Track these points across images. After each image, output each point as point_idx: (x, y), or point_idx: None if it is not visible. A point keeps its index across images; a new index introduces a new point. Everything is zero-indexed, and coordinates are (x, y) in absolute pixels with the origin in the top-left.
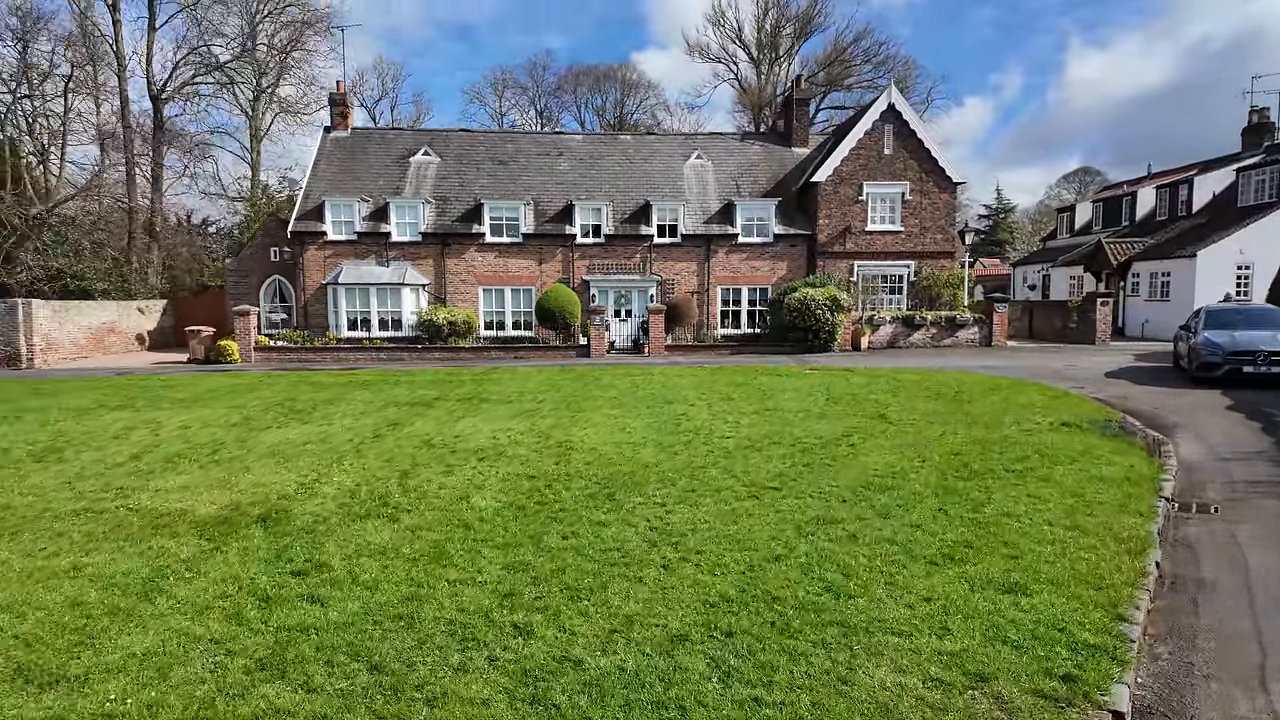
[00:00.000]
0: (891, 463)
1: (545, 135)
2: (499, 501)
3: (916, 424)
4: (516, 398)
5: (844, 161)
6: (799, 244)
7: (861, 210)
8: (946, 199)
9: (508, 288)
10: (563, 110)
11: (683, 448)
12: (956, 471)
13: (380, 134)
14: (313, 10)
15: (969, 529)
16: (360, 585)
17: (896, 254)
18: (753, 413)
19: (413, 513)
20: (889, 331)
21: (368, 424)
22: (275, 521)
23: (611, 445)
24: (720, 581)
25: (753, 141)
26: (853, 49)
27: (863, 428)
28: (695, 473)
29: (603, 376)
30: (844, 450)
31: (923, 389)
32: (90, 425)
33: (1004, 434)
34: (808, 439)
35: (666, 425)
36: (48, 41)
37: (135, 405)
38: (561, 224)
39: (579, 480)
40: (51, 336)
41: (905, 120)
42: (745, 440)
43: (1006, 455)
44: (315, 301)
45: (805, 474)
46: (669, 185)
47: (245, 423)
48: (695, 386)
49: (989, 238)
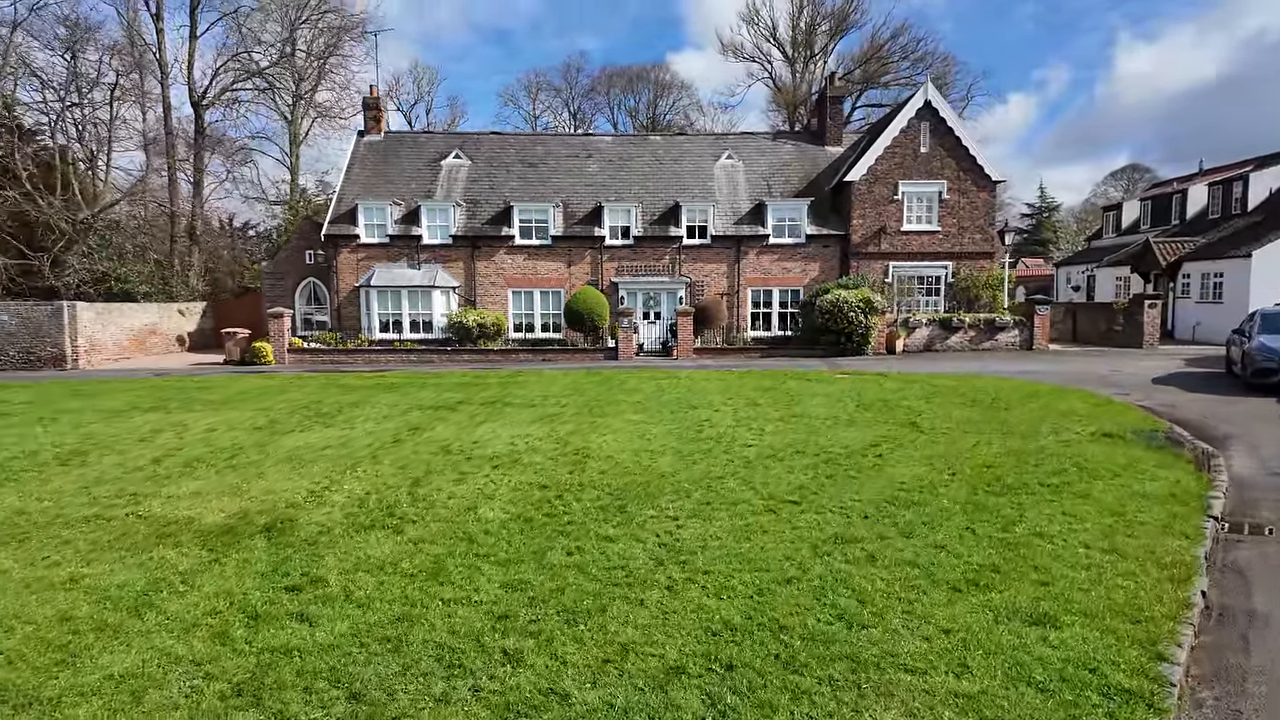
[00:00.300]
0: (920, 475)
1: (575, 137)
2: (507, 513)
3: (949, 433)
4: (540, 402)
5: (879, 160)
6: (832, 245)
7: (897, 210)
8: (985, 198)
9: (536, 290)
10: (595, 112)
11: (702, 456)
12: (988, 486)
13: (413, 137)
14: (350, 16)
15: (997, 551)
16: (353, 603)
17: (933, 254)
18: (778, 419)
19: (418, 524)
20: (925, 334)
21: (389, 428)
22: (280, 532)
23: (629, 453)
24: (726, 607)
25: (785, 140)
26: (890, 46)
27: (892, 436)
28: (712, 484)
29: (628, 380)
30: (870, 461)
31: (957, 395)
32: (119, 428)
33: (1041, 445)
34: (833, 448)
35: (688, 432)
36: (95, 51)
37: (167, 407)
38: (590, 226)
39: (591, 491)
40: (95, 338)
41: (942, 117)
42: (768, 449)
43: (1042, 468)
44: (348, 304)
45: (827, 487)
46: (699, 186)
47: (269, 426)
48: (721, 391)
49: (1031, 237)
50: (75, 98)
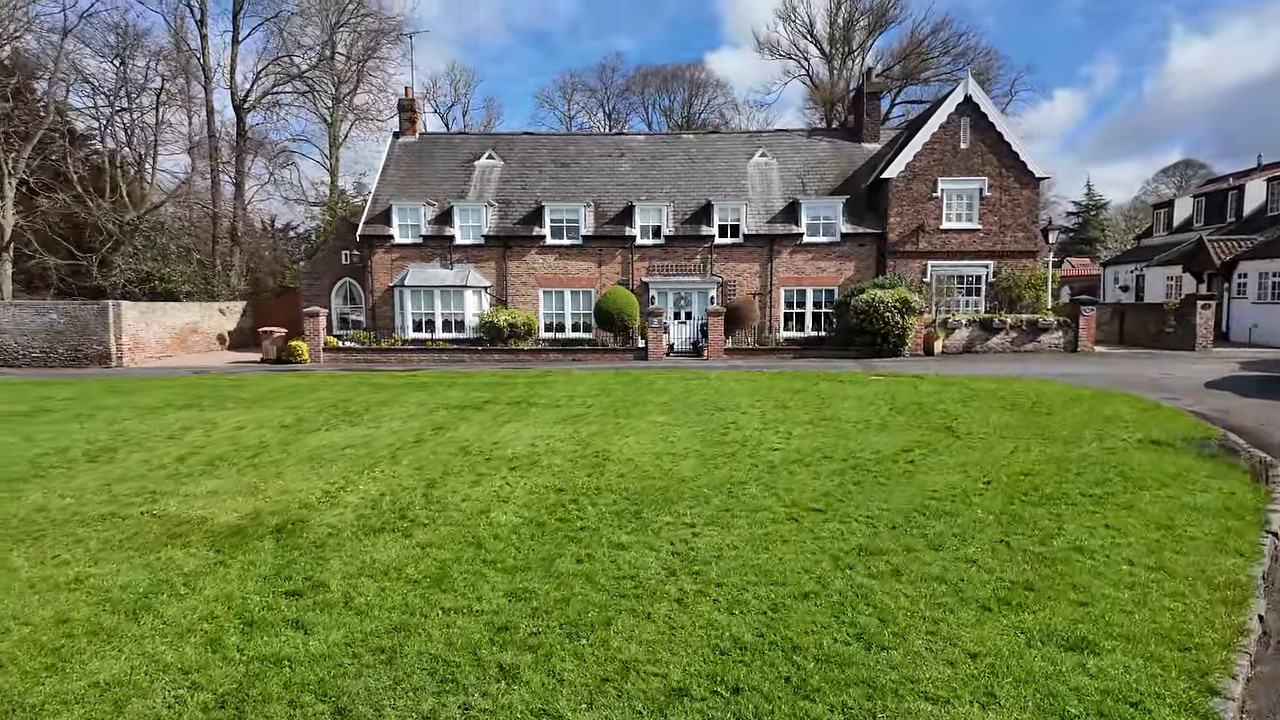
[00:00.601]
0: (953, 483)
1: (607, 136)
2: (520, 517)
3: (986, 439)
4: (565, 402)
5: (917, 156)
6: (868, 243)
7: (936, 207)
8: (1028, 195)
9: (567, 290)
10: (630, 112)
11: (725, 460)
12: (1025, 495)
13: (447, 139)
14: (388, 19)
15: (1032, 566)
16: (352, 610)
17: (973, 253)
18: (807, 422)
19: (428, 527)
20: (964, 335)
21: (413, 428)
22: (289, 533)
23: (650, 456)
24: (737, 623)
25: (820, 138)
26: (930, 41)
27: (926, 442)
28: (733, 489)
29: (656, 381)
30: (901, 468)
31: (997, 399)
32: (151, 425)
33: (1083, 452)
34: (863, 453)
35: (712, 435)
36: (142, 57)
37: (200, 405)
38: (621, 225)
39: (608, 495)
40: (139, 336)
41: (983, 113)
42: (794, 453)
43: (1084, 477)
44: (383, 303)
45: (854, 494)
46: (731, 184)
47: (296, 424)
48: (750, 393)
49: (1078, 236)
50: (124, 102)
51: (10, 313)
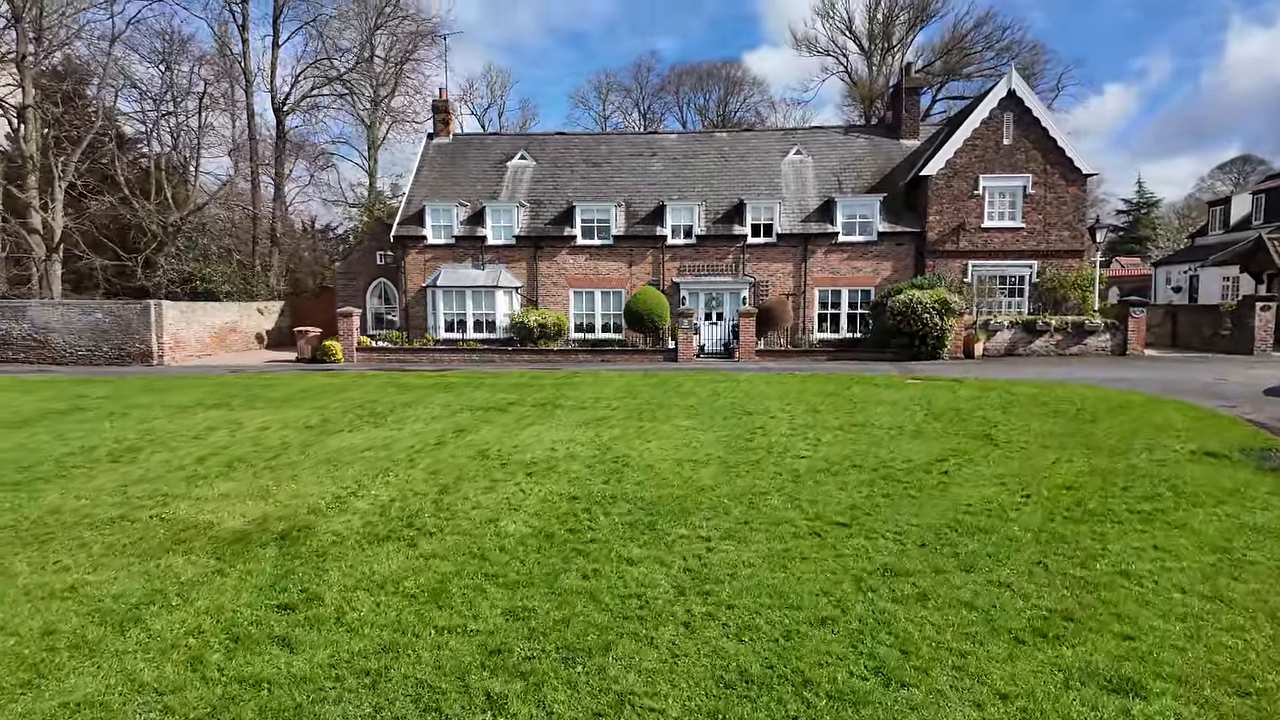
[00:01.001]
0: (989, 497)
1: (639, 135)
2: (529, 527)
3: (1026, 448)
4: (591, 404)
5: (958, 153)
6: (906, 242)
7: (977, 205)
8: (1074, 192)
9: (598, 290)
10: (665, 111)
11: (749, 469)
12: (1066, 511)
13: (480, 140)
14: (425, 21)
15: (1072, 592)
16: (343, 627)
17: (1016, 253)
18: (837, 428)
19: (435, 536)
20: (1006, 338)
21: (435, 430)
22: (293, 541)
23: (671, 462)
24: (745, 651)
25: (857, 134)
26: (973, 36)
27: (962, 450)
28: (755, 500)
29: (684, 383)
30: (934, 479)
31: (1039, 405)
32: (179, 424)
33: (1131, 463)
34: (894, 463)
35: (738, 440)
36: (187, 62)
37: (230, 405)
38: (652, 225)
39: (623, 504)
40: (179, 335)
41: (1027, 107)
42: (821, 462)
43: (1132, 492)
44: (415, 303)
45: (882, 507)
46: (765, 183)
47: (320, 425)
48: (780, 396)
49: (1128, 235)
50: (169, 106)
51: (59, 311)
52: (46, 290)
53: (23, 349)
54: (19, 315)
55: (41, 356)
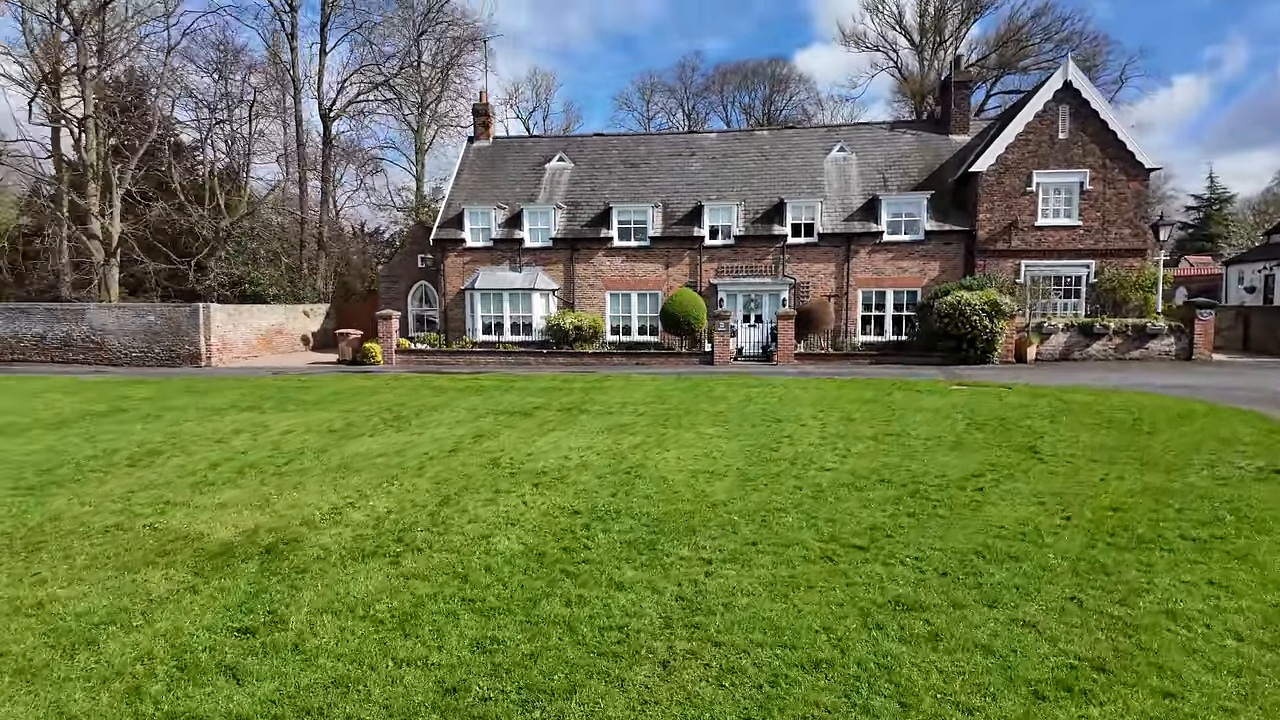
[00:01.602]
0: (1025, 518)
1: (678, 135)
2: (522, 544)
3: (1073, 462)
4: (618, 409)
5: (1009, 148)
6: (954, 242)
7: (1030, 202)
8: (1135, 188)
9: (634, 292)
10: (709, 111)
11: (768, 482)
12: (1111, 536)
13: (519, 142)
14: (470, 25)
15: (1107, 635)
16: (299, 656)
17: (1072, 252)
18: (870, 438)
19: (422, 554)
20: (1061, 341)
21: (455, 435)
22: (277, 555)
23: (686, 474)
24: (723, 700)
25: (904, 130)
26: (1030, 27)
27: (1002, 464)
28: (769, 517)
29: (716, 387)
30: (968, 496)
31: (1092, 414)
32: (207, 427)
33: (1189, 482)
34: (926, 477)
35: (762, 451)
36: (239, 70)
37: (262, 407)
38: (690, 226)
39: (626, 520)
40: (226, 337)
41: (1085, 99)
42: (847, 475)
43: (1187, 515)
44: (454, 306)
45: (907, 528)
46: (807, 181)
47: (343, 430)
48: (815, 402)
49: (1198, 232)
50: (223, 114)
51: (114, 314)
52: (105, 294)
53: (82, 350)
54: (79, 318)
55: (99, 358)
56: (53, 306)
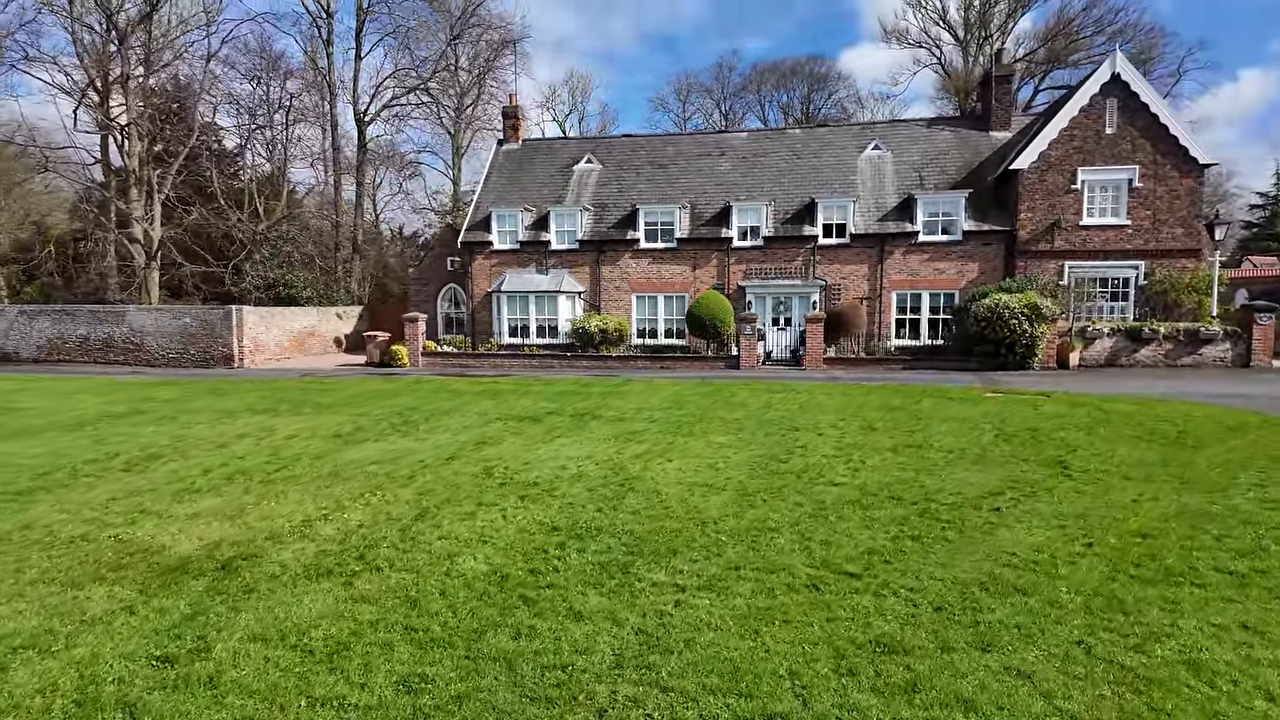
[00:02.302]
0: (1041, 544)
1: (707, 135)
2: (489, 565)
3: (1104, 479)
4: (631, 415)
5: (1052, 144)
6: (994, 242)
7: (1074, 201)
8: (1189, 184)
9: (660, 295)
10: (747, 111)
11: (768, 497)
12: (1136, 566)
13: (548, 144)
14: (506, 29)
15: (1114, 691)
16: (210, 691)
17: (1120, 252)
18: (889, 450)
19: (380, 573)
20: (1107, 346)
21: (458, 441)
22: (231, 572)
23: (684, 487)
24: None
25: (942, 127)
26: (1081, 20)
27: (1025, 481)
28: (759, 538)
29: (738, 393)
30: (982, 517)
31: (1132, 426)
32: (216, 431)
33: (1232, 504)
34: (940, 495)
35: (770, 462)
36: (276, 77)
37: (277, 410)
38: (717, 227)
39: (606, 539)
40: (259, 339)
41: (1134, 92)
42: (856, 491)
43: (1226, 543)
44: (481, 308)
45: (908, 553)
46: (839, 180)
47: (350, 434)
48: (838, 410)
49: (1263, 231)
50: (261, 119)
51: (152, 316)
52: (145, 296)
53: (122, 351)
54: (119, 320)
55: (138, 359)
56: (96, 309)
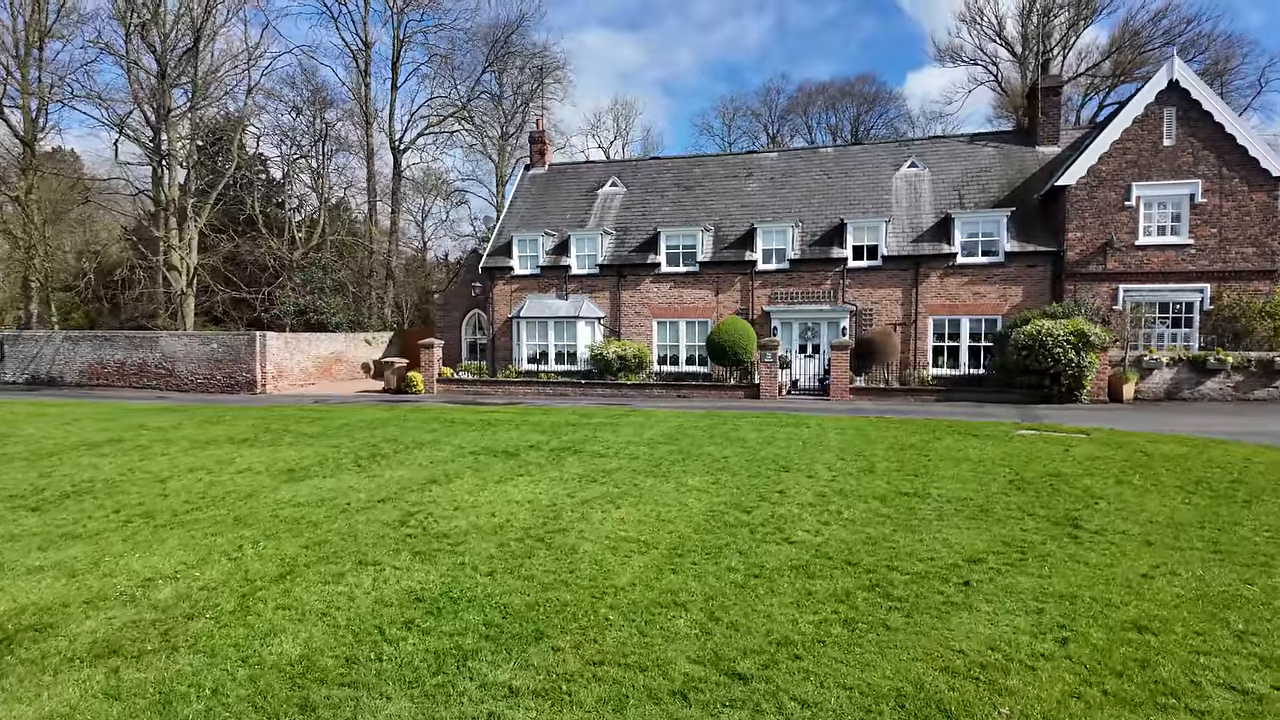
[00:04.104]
0: (1003, 636)
1: (735, 156)
2: (304, 649)
3: (1119, 544)
4: (615, 450)
5: (1103, 158)
6: (1040, 264)
7: (1129, 218)
8: (1261, 200)
9: (682, 320)
10: (794, 133)
11: (700, 559)
12: (1116, 676)
13: (574, 168)
14: (546, 55)
15: None
16: None
17: (1181, 274)
18: (878, 498)
19: (172, 655)
20: (1167, 378)
21: (408, 479)
22: (12, 645)
23: (610, 543)
24: None
25: (985, 143)
26: (1148, 31)
27: (1020, 543)
28: (656, 617)
29: (743, 426)
30: (948, 592)
31: (1177, 472)
32: (171, 464)
33: (1274, 584)
34: (908, 561)
35: (732, 511)
36: (314, 107)
37: (256, 440)
38: (741, 250)
39: (470, 613)
40: (282, 365)
41: (1194, 100)
42: (812, 552)
43: (1251, 644)
44: (502, 334)
45: (828, 645)
46: (871, 200)
47: (305, 469)
48: (842, 448)
49: None
50: (301, 149)
51: (183, 342)
52: (181, 323)
53: (155, 376)
54: (153, 346)
55: (168, 384)
56: (133, 335)
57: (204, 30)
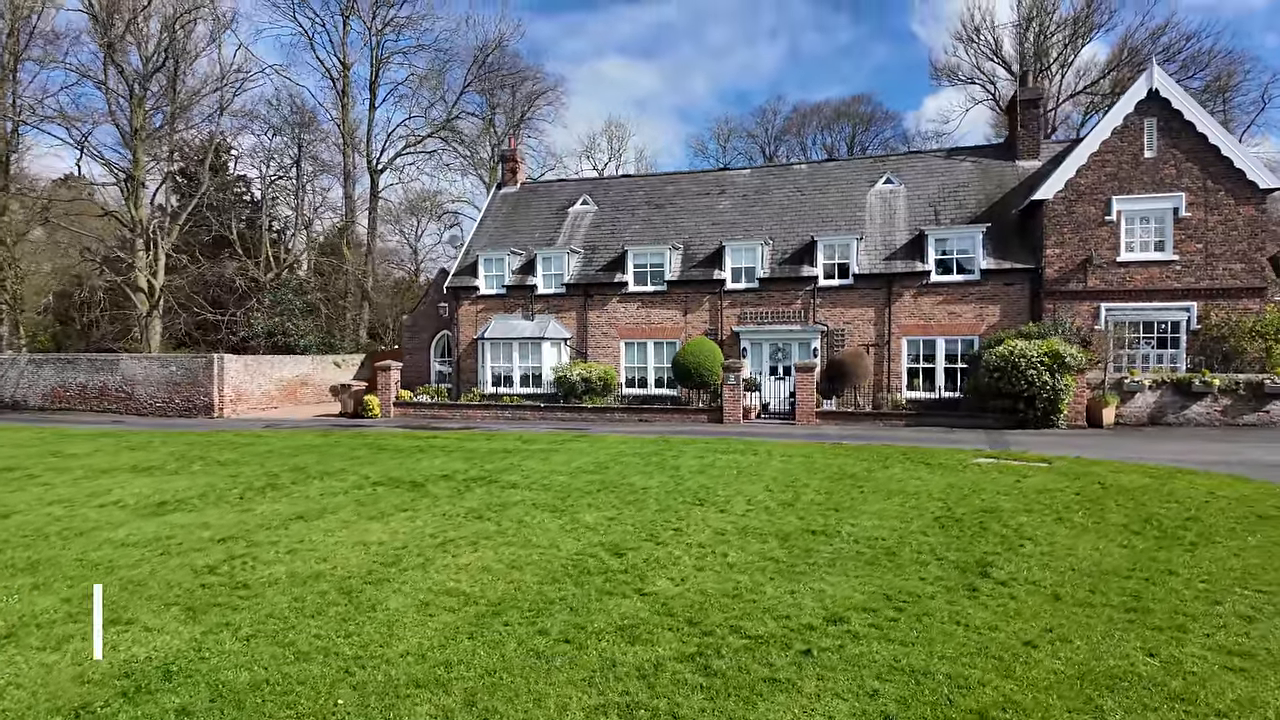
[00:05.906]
0: None
1: (708, 174)
2: None
3: (1022, 599)
4: (532, 482)
5: (1081, 171)
6: (1018, 282)
7: (1109, 234)
8: (1249, 213)
9: (650, 341)
10: (790, 154)
11: (512, 620)
12: None
13: (545, 187)
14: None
15: None
16: None
17: (1166, 292)
18: (779, 537)
19: None
20: (1149, 401)
21: (273, 513)
22: None
23: (431, 595)
24: None
25: (963, 158)
26: (1147, 48)
27: (905, 595)
28: (402, 700)
29: (684, 453)
30: (776, 666)
31: (1128, 508)
32: (35, 495)
33: (1176, 656)
34: (765, 616)
35: (604, 553)
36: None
37: (163, 468)
38: (710, 269)
39: (168, 696)
40: (242, 389)
41: (1176, 110)
42: (656, 608)
43: None
44: (467, 356)
45: None
46: (844, 217)
47: (180, 501)
48: (777, 476)
49: None
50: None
51: (143, 365)
52: (146, 345)
53: (115, 400)
54: (113, 369)
55: (128, 408)
56: (95, 357)
57: (172, 51)
